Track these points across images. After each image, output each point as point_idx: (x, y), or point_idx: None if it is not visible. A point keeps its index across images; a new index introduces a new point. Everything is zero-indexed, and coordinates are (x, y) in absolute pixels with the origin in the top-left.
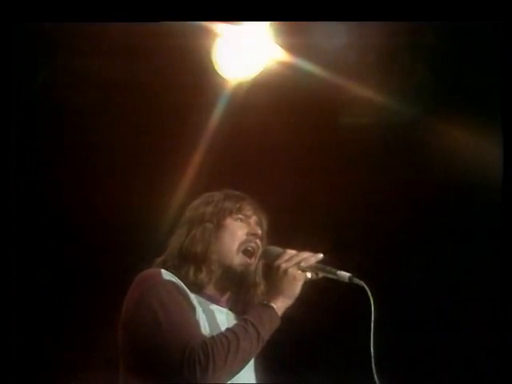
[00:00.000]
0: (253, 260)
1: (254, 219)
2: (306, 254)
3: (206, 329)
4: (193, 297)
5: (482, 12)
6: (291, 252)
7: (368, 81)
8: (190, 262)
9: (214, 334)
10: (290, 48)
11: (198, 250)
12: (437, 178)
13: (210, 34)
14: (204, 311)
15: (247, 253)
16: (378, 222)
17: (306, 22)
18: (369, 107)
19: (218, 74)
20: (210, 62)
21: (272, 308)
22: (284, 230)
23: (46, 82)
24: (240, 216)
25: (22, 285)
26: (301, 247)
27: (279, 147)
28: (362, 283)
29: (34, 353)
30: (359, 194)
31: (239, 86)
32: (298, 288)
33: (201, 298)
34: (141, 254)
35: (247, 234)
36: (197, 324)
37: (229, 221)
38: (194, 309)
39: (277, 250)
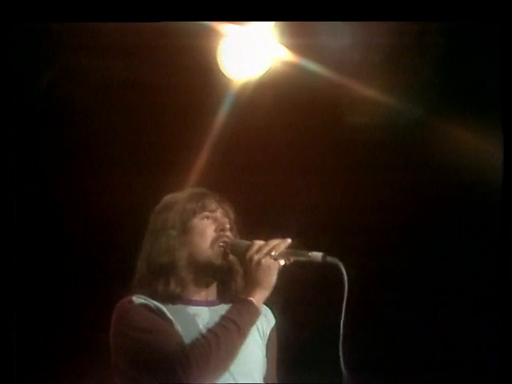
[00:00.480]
0: (228, 252)
1: (219, 212)
2: (274, 242)
3: (186, 335)
4: (169, 310)
5: (487, 12)
6: (259, 242)
7: (373, 81)
8: (160, 274)
9: (196, 335)
10: (295, 48)
11: (164, 260)
12: (439, 178)
13: (215, 34)
14: (183, 320)
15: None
16: (379, 223)
17: (311, 22)
18: (374, 107)
19: (223, 74)
20: (215, 61)
21: (251, 302)
22: (291, 231)
23: (48, 83)
24: (205, 213)
25: (21, 285)
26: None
27: (284, 147)
28: (335, 260)
29: (34, 353)
30: (363, 194)
31: (244, 86)
32: (273, 277)
33: (180, 306)
34: None
35: (216, 231)
36: (177, 335)
37: (195, 221)
38: (171, 322)
39: (243, 242)
